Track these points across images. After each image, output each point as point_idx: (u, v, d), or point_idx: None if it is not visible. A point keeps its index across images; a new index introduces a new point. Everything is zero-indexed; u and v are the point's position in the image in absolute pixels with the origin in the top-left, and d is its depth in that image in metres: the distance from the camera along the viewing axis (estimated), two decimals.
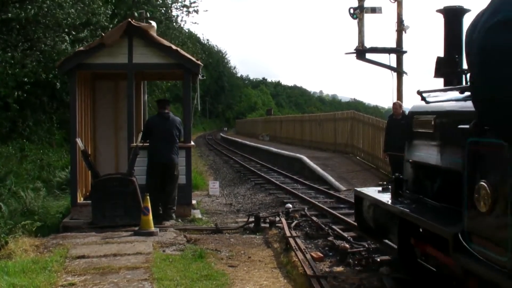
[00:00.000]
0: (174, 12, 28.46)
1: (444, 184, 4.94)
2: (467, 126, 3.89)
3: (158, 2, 27.53)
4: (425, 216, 4.81)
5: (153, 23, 9.97)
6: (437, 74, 5.78)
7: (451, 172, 4.50)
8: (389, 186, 6.08)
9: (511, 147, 3.35)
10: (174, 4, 28.18)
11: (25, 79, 15.17)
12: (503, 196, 3.38)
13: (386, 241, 6.35)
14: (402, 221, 5.29)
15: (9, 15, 13.86)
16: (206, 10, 51.88)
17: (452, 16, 5.59)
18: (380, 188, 6.42)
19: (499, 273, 3.37)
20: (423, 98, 5.73)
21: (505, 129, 3.34)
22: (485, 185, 3.57)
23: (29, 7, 14.03)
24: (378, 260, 6.67)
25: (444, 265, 4.56)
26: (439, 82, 5.89)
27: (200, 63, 9.98)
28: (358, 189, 6.92)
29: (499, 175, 3.47)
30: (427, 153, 5.36)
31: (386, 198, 5.84)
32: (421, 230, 5.06)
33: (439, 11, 5.68)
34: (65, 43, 15.27)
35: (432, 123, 5.26)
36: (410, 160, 5.89)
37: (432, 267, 5.11)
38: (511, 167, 3.32)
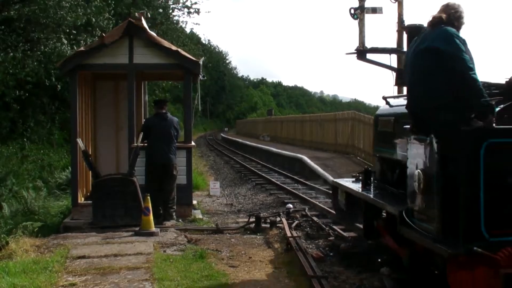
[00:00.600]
0: (175, 12, 28.48)
1: (400, 174, 5.89)
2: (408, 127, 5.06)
3: (159, 2, 27.53)
4: (383, 199, 5.86)
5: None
6: (397, 82, 7.21)
7: (403, 164, 5.40)
8: (360, 177, 7.02)
9: (437, 143, 4.40)
10: (175, 5, 28.19)
11: (28, 78, 15.19)
12: (430, 180, 4.50)
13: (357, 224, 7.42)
14: (367, 205, 6.31)
15: (12, 13, 13.85)
16: (209, 11, 51.66)
17: (414, 32, 6.24)
18: (353, 179, 7.36)
19: (429, 238, 4.47)
20: (387, 103, 6.66)
21: (427, 128, 4.62)
22: (420, 172, 4.65)
23: (28, 7, 14.02)
24: (347, 235, 7.76)
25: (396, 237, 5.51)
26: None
27: (200, 62, 9.98)
28: (335, 179, 8.36)
29: (428, 164, 4.57)
30: (388, 149, 6.38)
31: (356, 187, 6.83)
32: (383, 214, 6.00)
33: (403, 28, 6.53)
34: (65, 45, 15.27)
35: (391, 123, 6.32)
36: (377, 155, 7.03)
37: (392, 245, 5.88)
38: (435, 159, 4.42)
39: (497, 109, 4.72)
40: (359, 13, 19.34)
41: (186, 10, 27.52)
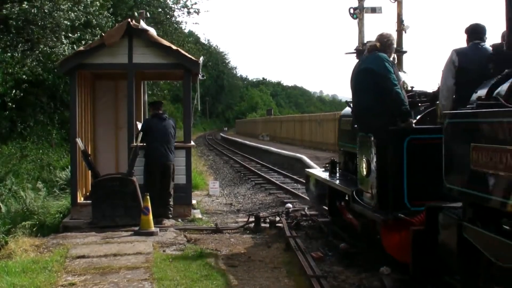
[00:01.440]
0: (175, 13, 28.49)
1: (355, 163, 7.17)
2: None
3: (160, 2, 27.54)
4: (341, 184, 7.56)
5: (144, 26, 9.91)
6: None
7: (356, 154, 6.89)
8: (328, 167, 8.69)
9: (374, 135, 6.08)
10: (175, 6, 28.21)
11: (24, 77, 15.16)
12: (372, 165, 6.11)
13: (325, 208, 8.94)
14: (330, 189, 8.07)
15: (11, 10, 13.83)
16: (207, 11, 51.70)
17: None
18: (323, 169, 9.18)
19: (369, 210, 6.12)
20: (349, 106, 7.82)
21: (365, 126, 6.41)
22: (364, 160, 6.32)
23: (27, 7, 14.01)
24: (319, 220, 8.88)
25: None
26: None
27: (200, 61, 9.98)
28: (307, 169, 10.48)
29: (369, 155, 6.19)
30: (348, 143, 8.03)
31: (324, 175, 8.56)
32: (346, 197, 7.26)
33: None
34: (64, 45, 15.26)
35: (350, 123, 7.69)
36: (341, 149, 8.72)
37: (347, 218, 7.52)
38: (373, 151, 6.06)
39: (424, 113, 6.52)
40: (358, 13, 19.39)
41: (185, 10, 27.54)
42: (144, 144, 9.32)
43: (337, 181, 7.91)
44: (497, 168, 3.65)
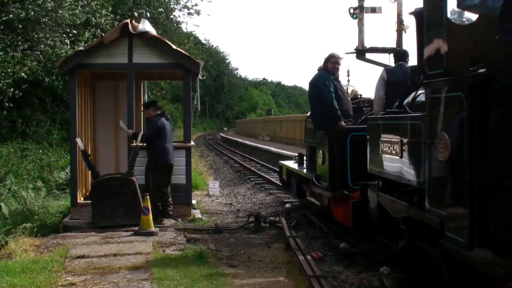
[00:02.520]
0: (175, 13, 28.47)
1: (316, 154, 8.93)
2: None
3: (160, 2, 27.52)
4: (305, 171, 9.67)
5: (147, 23, 9.90)
6: None
7: (331, 149, 8.20)
8: (296, 159, 11.15)
9: (325, 133, 8.14)
10: (175, 6, 28.20)
11: (24, 76, 15.15)
12: (325, 156, 8.06)
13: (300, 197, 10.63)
14: (298, 176, 10.18)
15: (10, 16, 13.85)
16: (209, 14, 51.20)
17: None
18: (293, 161, 11.41)
19: (324, 189, 8.17)
20: None
21: (319, 125, 8.42)
22: (321, 151, 8.27)
23: (30, 6, 14.01)
24: (286, 205, 10.33)
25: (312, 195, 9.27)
26: None
27: (200, 62, 9.98)
28: (280, 161, 12.49)
29: (325, 147, 8.11)
30: (311, 139, 9.68)
31: (294, 165, 10.78)
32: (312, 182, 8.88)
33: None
34: (65, 45, 15.25)
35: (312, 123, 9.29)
36: (306, 144, 10.49)
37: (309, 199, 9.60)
38: (326, 144, 8.01)
39: (365, 115, 8.06)
40: (358, 12, 19.33)
41: (186, 10, 27.53)
42: (145, 144, 9.31)
43: (303, 170, 9.94)
44: (392, 154, 5.64)
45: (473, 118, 3.98)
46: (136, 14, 20.79)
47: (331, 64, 8.44)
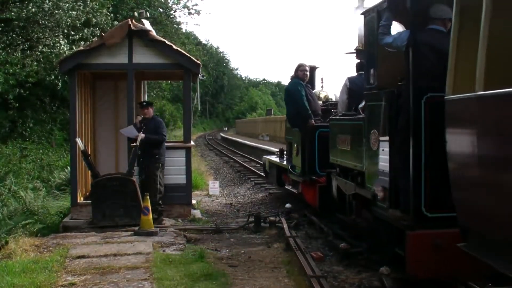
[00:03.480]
0: (176, 13, 28.50)
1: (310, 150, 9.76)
2: None
3: (161, 2, 27.54)
4: (284, 163, 11.40)
5: (147, 24, 9.90)
6: None
7: (303, 143, 9.75)
8: (278, 153, 13.15)
9: (299, 130, 9.73)
10: (175, 6, 28.23)
11: (28, 79, 15.21)
12: (298, 148, 9.68)
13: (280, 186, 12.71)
14: (278, 167, 12.10)
15: (12, 14, 13.84)
16: (210, 13, 51.31)
17: (311, 70, 10.67)
18: (275, 156, 13.39)
19: (297, 176, 9.96)
20: None
21: (294, 124, 10.06)
22: (295, 145, 9.94)
23: (30, 7, 14.01)
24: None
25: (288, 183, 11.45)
26: None
27: (200, 63, 9.98)
28: (264, 156, 14.52)
29: (299, 141, 9.72)
30: (290, 136, 11.05)
31: (275, 159, 12.72)
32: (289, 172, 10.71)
33: (309, 67, 10.26)
34: (64, 45, 15.26)
35: None
36: (287, 141, 11.88)
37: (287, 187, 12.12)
38: (299, 139, 9.67)
39: (332, 116, 9.06)
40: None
41: (186, 10, 27.55)
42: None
43: (282, 162, 11.77)
44: (345, 146, 7.46)
45: (390, 120, 5.89)
46: (136, 14, 20.81)
47: (300, 72, 9.97)
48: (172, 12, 28.22)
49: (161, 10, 28.01)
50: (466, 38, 4.56)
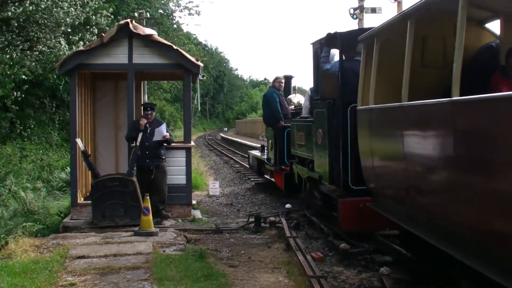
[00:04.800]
0: (176, 14, 28.51)
1: (280, 145, 11.98)
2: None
3: (162, 2, 27.56)
4: (263, 156, 13.89)
5: (147, 30, 9.92)
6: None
7: (276, 139, 12.00)
8: (260, 149, 15.52)
9: (272, 129, 12.16)
10: (176, 7, 28.25)
11: (24, 77, 15.17)
12: (273, 144, 12.30)
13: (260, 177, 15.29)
14: (258, 159, 14.74)
15: (9, 13, 13.83)
16: (212, 15, 51.66)
17: (286, 79, 13.14)
18: (258, 150, 15.86)
19: (270, 165, 12.69)
20: None
21: (268, 124, 12.46)
22: (271, 141, 12.49)
23: (27, 5, 13.99)
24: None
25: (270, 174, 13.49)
26: None
27: (200, 64, 9.98)
28: (249, 151, 18.33)
29: (272, 138, 12.28)
30: (267, 134, 13.29)
31: (257, 153, 15.25)
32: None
33: (283, 77, 12.80)
34: (64, 45, 15.26)
35: None
36: (266, 138, 13.88)
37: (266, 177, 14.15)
38: (273, 136, 12.19)
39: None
40: (358, 13, 19.42)
41: (187, 11, 27.56)
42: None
43: (263, 156, 14.10)
44: (301, 142, 9.73)
45: (328, 123, 8.18)
46: (136, 14, 20.79)
47: (277, 83, 12.32)
48: (171, 12, 28.23)
49: (161, 11, 28.04)
50: (367, 71, 6.79)
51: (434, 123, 4.81)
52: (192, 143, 10.30)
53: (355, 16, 19.43)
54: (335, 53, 8.73)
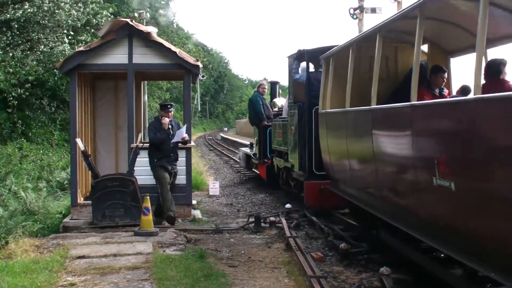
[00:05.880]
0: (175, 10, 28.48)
1: (263, 142, 13.75)
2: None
3: (162, 3, 27.58)
4: (250, 151, 16.00)
5: (149, 28, 9.91)
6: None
7: (260, 137, 13.98)
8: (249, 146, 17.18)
9: (257, 128, 14.16)
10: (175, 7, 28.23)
11: (28, 77, 15.20)
12: (257, 141, 14.28)
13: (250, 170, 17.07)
14: (246, 155, 16.86)
15: (8, 16, 13.85)
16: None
17: (272, 84, 15.78)
18: (248, 147, 17.22)
19: (256, 159, 14.84)
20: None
21: (253, 123, 14.66)
22: (258, 138, 14.22)
23: (27, 6, 14.00)
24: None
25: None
26: None
27: (200, 64, 9.98)
28: (240, 148, 20.49)
29: (257, 136, 14.25)
30: (255, 133, 14.73)
31: (247, 150, 16.94)
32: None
33: (270, 82, 15.80)
34: (64, 45, 15.27)
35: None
36: (254, 136, 15.15)
37: (254, 170, 16.13)
38: (258, 133, 14.13)
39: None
40: (358, 13, 19.43)
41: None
42: (146, 143, 9.30)
43: (251, 152, 15.67)
44: (279, 137, 12.08)
45: (298, 122, 10.23)
46: (136, 15, 20.79)
47: (261, 89, 14.23)
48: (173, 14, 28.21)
49: (161, 11, 28.05)
50: (326, 82, 8.67)
51: (359, 125, 6.97)
52: (192, 143, 10.30)
53: (355, 16, 19.45)
54: (304, 66, 10.63)
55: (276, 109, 14.10)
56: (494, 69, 5.30)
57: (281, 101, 14.41)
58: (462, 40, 6.67)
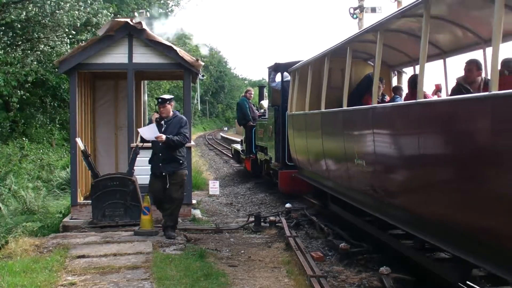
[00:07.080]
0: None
1: (249, 140, 15.76)
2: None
3: (161, 4, 27.60)
4: (242, 147, 17.90)
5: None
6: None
7: (246, 135, 16.10)
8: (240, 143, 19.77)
9: (244, 128, 16.28)
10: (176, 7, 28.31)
11: (27, 78, 15.19)
12: (245, 139, 16.38)
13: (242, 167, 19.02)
14: (236, 151, 20.74)
15: (12, 17, 13.85)
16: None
17: (260, 88, 18.70)
18: (239, 144, 19.97)
19: (243, 155, 17.45)
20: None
21: (240, 124, 16.96)
22: (245, 136, 16.54)
23: (29, 7, 14.01)
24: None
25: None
26: None
27: (201, 63, 9.97)
28: (232, 144, 26.07)
29: (244, 134, 16.83)
30: (243, 132, 17.03)
31: (238, 146, 20.10)
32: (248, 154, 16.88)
33: (257, 87, 19.33)
34: (65, 44, 15.26)
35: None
36: (244, 135, 17.02)
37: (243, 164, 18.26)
38: (245, 133, 16.38)
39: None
40: (358, 12, 19.44)
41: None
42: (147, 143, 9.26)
43: (240, 147, 18.25)
44: (261, 135, 14.00)
45: (275, 121, 12.33)
46: (136, 14, 20.77)
47: (248, 94, 15.94)
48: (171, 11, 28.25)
49: (161, 10, 28.03)
50: (293, 90, 10.74)
51: (314, 124, 9.14)
52: (192, 143, 10.29)
53: (355, 16, 19.45)
54: (279, 76, 12.70)
55: (262, 110, 15.86)
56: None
57: (267, 104, 15.99)
58: (400, 58, 8.85)
